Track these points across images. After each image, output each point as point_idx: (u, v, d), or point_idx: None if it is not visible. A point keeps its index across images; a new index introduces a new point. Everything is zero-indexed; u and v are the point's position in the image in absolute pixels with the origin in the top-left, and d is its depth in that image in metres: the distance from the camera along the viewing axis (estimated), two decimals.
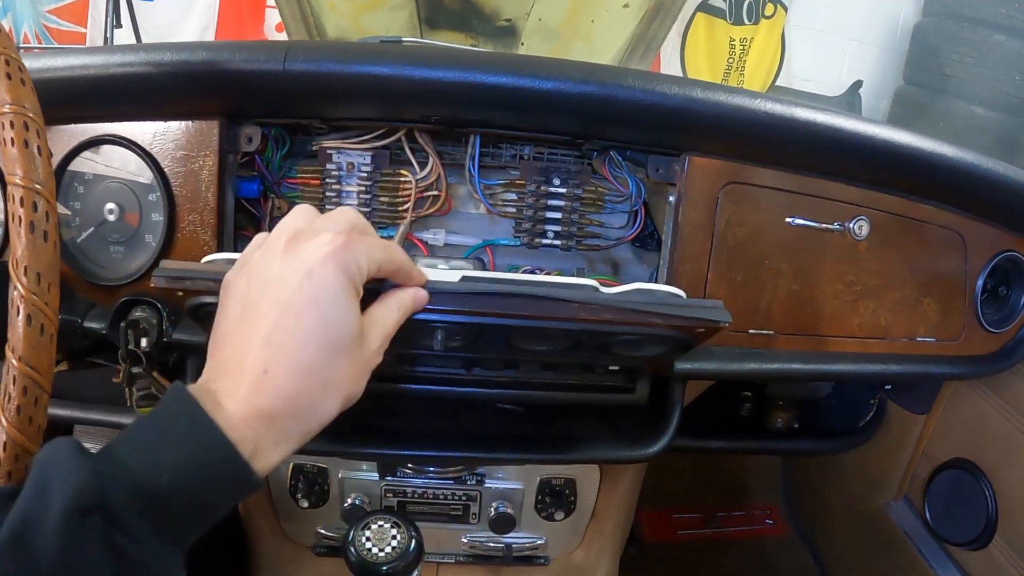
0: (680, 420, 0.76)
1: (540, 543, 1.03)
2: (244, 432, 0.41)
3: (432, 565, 1.04)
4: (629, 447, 0.77)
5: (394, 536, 0.68)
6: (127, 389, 0.69)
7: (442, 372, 0.70)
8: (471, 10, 1.87)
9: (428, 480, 0.96)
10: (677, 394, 0.77)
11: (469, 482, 0.96)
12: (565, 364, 0.69)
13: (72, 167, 0.70)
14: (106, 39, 1.57)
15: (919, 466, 1.06)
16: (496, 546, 1.02)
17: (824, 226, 0.75)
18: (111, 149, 0.69)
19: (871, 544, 1.16)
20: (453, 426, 0.78)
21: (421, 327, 0.56)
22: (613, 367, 0.71)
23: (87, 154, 0.70)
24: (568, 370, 0.71)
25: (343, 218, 0.47)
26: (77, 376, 0.78)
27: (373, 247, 0.46)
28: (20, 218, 0.43)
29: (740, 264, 0.73)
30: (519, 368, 0.70)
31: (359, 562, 0.67)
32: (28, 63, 0.48)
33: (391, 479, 0.95)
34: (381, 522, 0.70)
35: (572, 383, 0.72)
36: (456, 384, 0.71)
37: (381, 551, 0.67)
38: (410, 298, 0.50)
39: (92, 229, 0.70)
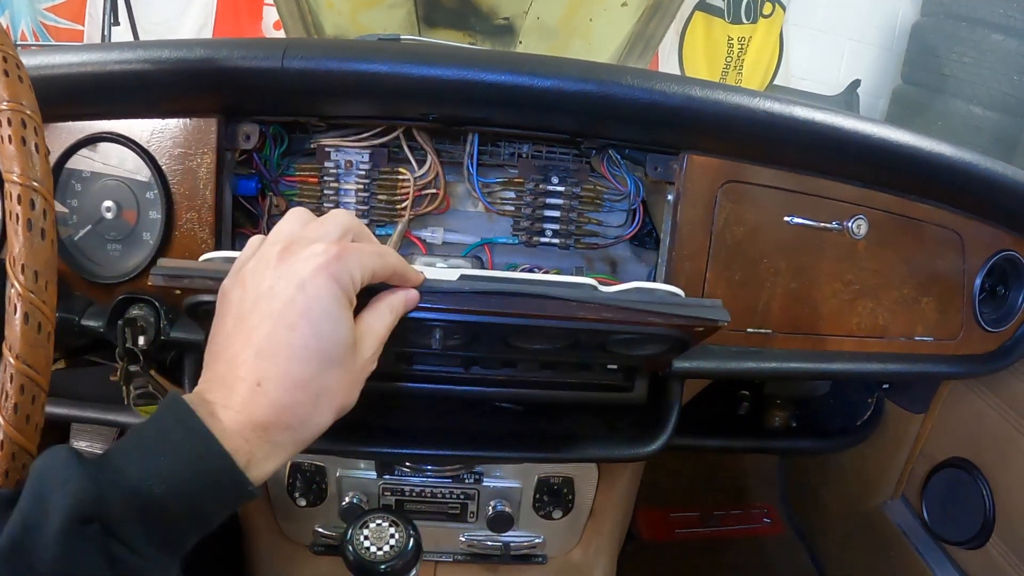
0: (678, 419, 0.76)
1: (538, 542, 1.03)
2: (239, 443, 0.41)
3: (430, 564, 1.04)
4: (627, 446, 0.77)
5: (392, 535, 0.68)
6: (124, 387, 0.69)
7: (440, 370, 0.70)
8: (469, 8, 1.87)
9: (426, 479, 0.96)
10: (675, 393, 0.77)
11: (467, 481, 0.96)
12: (563, 363, 0.69)
13: (70, 165, 0.69)
14: (104, 36, 1.57)
15: (916, 465, 1.07)
16: (494, 545, 1.02)
17: (822, 225, 0.75)
18: (109, 147, 0.69)
19: (868, 543, 1.17)
20: (451, 425, 0.78)
21: (419, 326, 0.56)
22: (611, 366, 0.71)
23: (85, 152, 0.69)
24: (566, 368, 0.71)
25: (337, 224, 0.47)
26: (74, 374, 0.78)
27: (367, 256, 0.46)
28: (17, 216, 0.43)
29: (738, 263, 0.73)
30: (517, 366, 0.70)
31: (357, 561, 0.67)
32: (26, 60, 0.47)
33: (389, 478, 0.95)
34: (379, 521, 0.70)
35: (570, 381, 0.72)
36: (454, 382, 0.71)
37: (379, 550, 0.67)
38: (401, 300, 0.50)
39: (90, 227, 0.70)
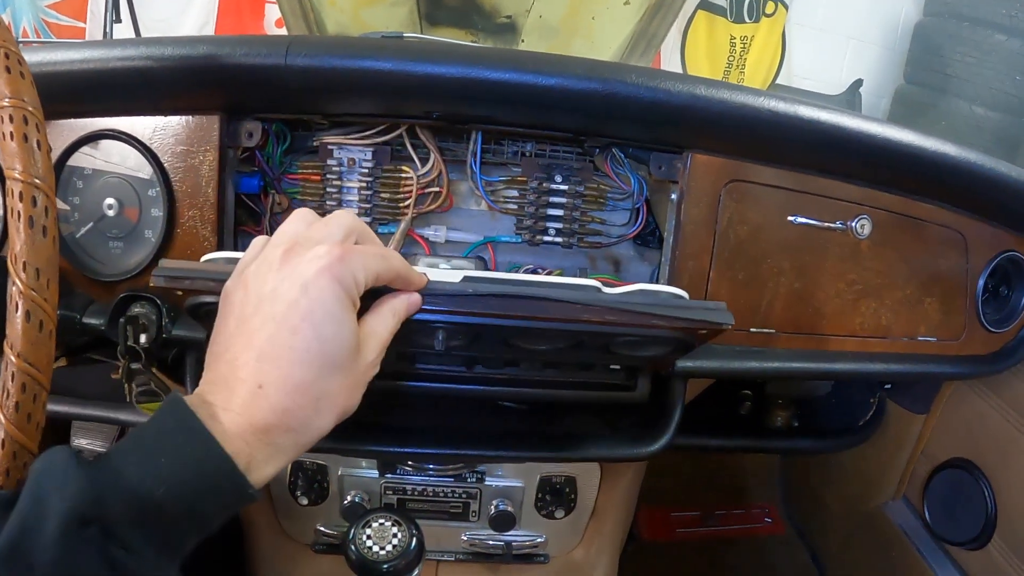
0: (681, 418, 0.76)
1: (540, 541, 1.03)
2: (239, 445, 0.41)
3: (432, 563, 1.04)
4: (630, 445, 0.77)
5: (395, 534, 0.68)
6: (126, 385, 0.69)
7: (443, 369, 0.70)
8: (471, 6, 1.86)
9: (428, 478, 0.96)
10: (678, 392, 0.76)
11: (469, 480, 0.96)
12: (566, 362, 0.69)
13: (71, 162, 0.69)
14: (105, 34, 1.56)
15: (918, 465, 1.07)
16: (496, 544, 1.02)
17: (826, 225, 0.75)
18: (111, 144, 0.69)
19: (869, 543, 1.16)
20: (453, 423, 0.78)
21: (422, 327, 0.56)
22: (614, 366, 0.71)
23: (86, 149, 0.69)
24: (569, 368, 0.71)
25: (341, 225, 0.47)
26: (76, 372, 0.78)
27: (370, 258, 0.46)
28: (19, 213, 0.43)
29: (742, 262, 0.73)
30: (520, 366, 0.70)
31: (360, 560, 0.66)
32: (28, 57, 0.47)
33: (391, 476, 0.95)
34: (382, 520, 0.69)
35: (573, 381, 0.72)
36: (457, 381, 0.71)
37: (382, 549, 0.67)
38: (403, 304, 0.50)
39: (91, 224, 0.70)
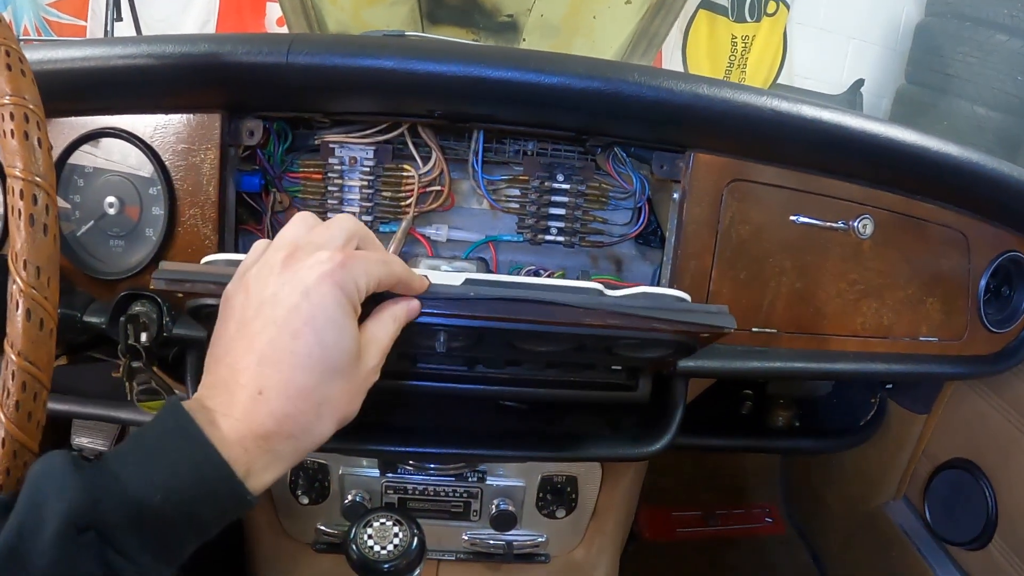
0: (682, 418, 0.76)
1: (541, 541, 1.03)
2: (238, 452, 0.40)
3: (432, 562, 1.04)
4: (631, 445, 0.77)
5: (396, 534, 0.68)
6: (127, 384, 0.68)
7: (444, 369, 0.70)
8: (473, 5, 1.86)
9: (429, 477, 0.96)
10: (679, 392, 0.76)
11: (470, 479, 0.96)
12: (568, 363, 0.69)
13: (72, 160, 0.69)
14: (106, 32, 1.56)
15: (919, 466, 1.06)
16: (497, 543, 1.02)
17: (828, 224, 0.75)
18: (111, 142, 0.69)
19: (870, 543, 1.16)
20: (455, 423, 0.77)
21: (424, 330, 0.56)
22: (616, 366, 0.71)
23: (87, 147, 0.69)
24: (570, 368, 0.70)
25: (343, 230, 0.46)
26: (76, 370, 0.78)
27: (372, 264, 0.45)
28: (20, 211, 0.43)
29: (743, 262, 0.73)
30: (521, 365, 0.69)
31: (361, 560, 0.66)
32: (28, 55, 0.47)
33: (392, 476, 0.95)
34: (383, 519, 0.69)
35: (574, 380, 0.72)
36: (458, 381, 0.71)
37: (383, 549, 0.67)
38: (403, 310, 0.50)
39: (92, 223, 0.70)
